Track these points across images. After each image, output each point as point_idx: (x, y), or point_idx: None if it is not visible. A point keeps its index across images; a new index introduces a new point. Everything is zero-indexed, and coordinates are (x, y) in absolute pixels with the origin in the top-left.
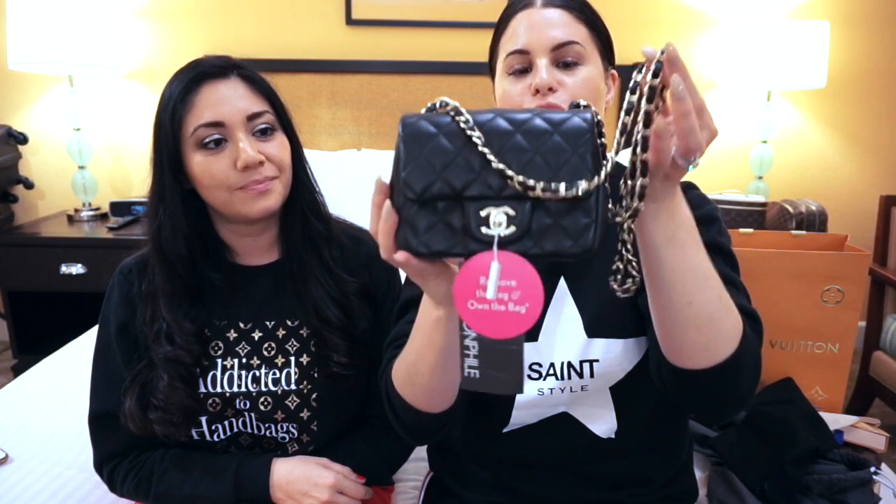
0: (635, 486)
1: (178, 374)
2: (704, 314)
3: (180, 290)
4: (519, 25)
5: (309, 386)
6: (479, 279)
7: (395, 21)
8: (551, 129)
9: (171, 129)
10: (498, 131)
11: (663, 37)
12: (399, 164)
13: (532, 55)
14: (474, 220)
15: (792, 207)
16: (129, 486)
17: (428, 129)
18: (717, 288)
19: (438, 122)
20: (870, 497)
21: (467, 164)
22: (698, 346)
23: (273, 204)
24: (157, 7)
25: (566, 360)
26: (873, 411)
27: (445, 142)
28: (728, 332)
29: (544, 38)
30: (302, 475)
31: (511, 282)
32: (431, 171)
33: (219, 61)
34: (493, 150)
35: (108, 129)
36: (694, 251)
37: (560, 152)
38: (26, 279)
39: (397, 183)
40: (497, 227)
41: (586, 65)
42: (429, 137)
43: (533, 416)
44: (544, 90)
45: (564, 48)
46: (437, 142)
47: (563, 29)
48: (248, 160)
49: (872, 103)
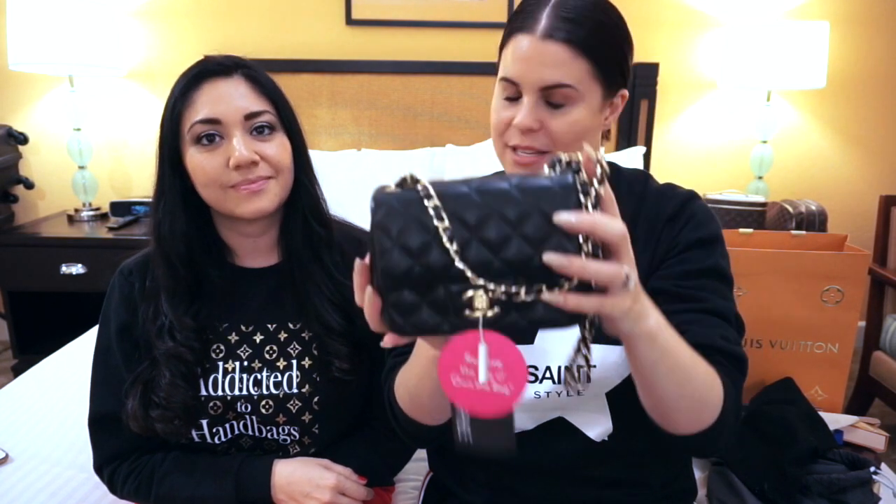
0: (633, 487)
1: (180, 372)
2: (689, 397)
3: (181, 286)
4: (515, 50)
5: (311, 389)
6: (465, 356)
7: (395, 21)
8: (532, 205)
9: (171, 123)
10: (468, 220)
11: (664, 36)
12: (374, 249)
13: (521, 87)
14: (457, 302)
15: (792, 207)
16: (129, 488)
17: (399, 212)
18: (700, 374)
19: (409, 200)
20: (869, 497)
21: (444, 247)
22: (681, 420)
23: (267, 205)
24: (158, 7)
25: (564, 365)
26: (873, 411)
27: (418, 225)
28: (712, 404)
29: (534, 76)
30: (303, 476)
31: (497, 362)
32: (408, 256)
33: (224, 60)
34: (461, 241)
35: (109, 129)
36: (675, 352)
37: (545, 233)
38: (26, 279)
39: (376, 267)
40: (480, 311)
41: (576, 106)
42: (402, 219)
43: (529, 421)
44: (524, 130)
45: (553, 90)
46: (410, 225)
47: (556, 70)
48: (240, 159)
49: (872, 103)
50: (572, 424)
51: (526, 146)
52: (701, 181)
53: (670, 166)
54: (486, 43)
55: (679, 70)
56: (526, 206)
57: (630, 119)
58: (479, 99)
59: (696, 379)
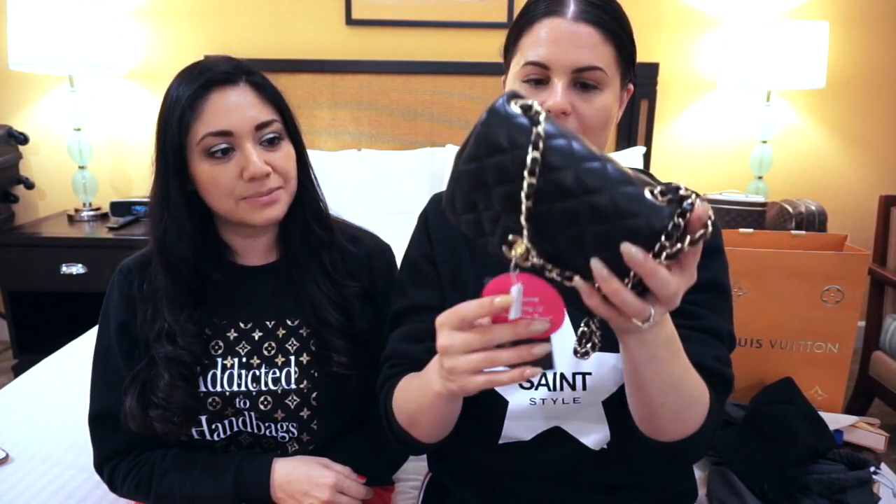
0: (633, 490)
1: (179, 373)
2: (676, 409)
3: (183, 292)
4: (543, 33)
5: (309, 385)
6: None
7: (395, 21)
8: (614, 217)
9: (178, 134)
10: (562, 184)
11: (664, 36)
12: (463, 152)
13: (551, 71)
14: (501, 237)
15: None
16: (129, 485)
17: (501, 143)
18: (690, 387)
19: (516, 136)
20: (869, 497)
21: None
22: (667, 429)
23: (278, 213)
24: (158, 7)
25: (558, 372)
26: (873, 411)
27: (508, 165)
28: (697, 415)
29: (568, 57)
30: (302, 475)
31: (533, 297)
32: (483, 184)
33: (228, 67)
34: (535, 199)
35: (109, 129)
36: (672, 366)
37: (610, 243)
38: (26, 279)
39: (456, 163)
40: (515, 255)
41: (605, 90)
42: (498, 150)
43: (526, 431)
44: (557, 113)
45: (586, 72)
46: (501, 160)
47: (589, 51)
48: (255, 172)
49: (872, 103)
50: (569, 434)
51: None
52: (701, 181)
53: (670, 166)
54: (486, 43)
55: (679, 70)
56: (610, 211)
57: (630, 119)
58: (479, 99)
59: (684, 390)
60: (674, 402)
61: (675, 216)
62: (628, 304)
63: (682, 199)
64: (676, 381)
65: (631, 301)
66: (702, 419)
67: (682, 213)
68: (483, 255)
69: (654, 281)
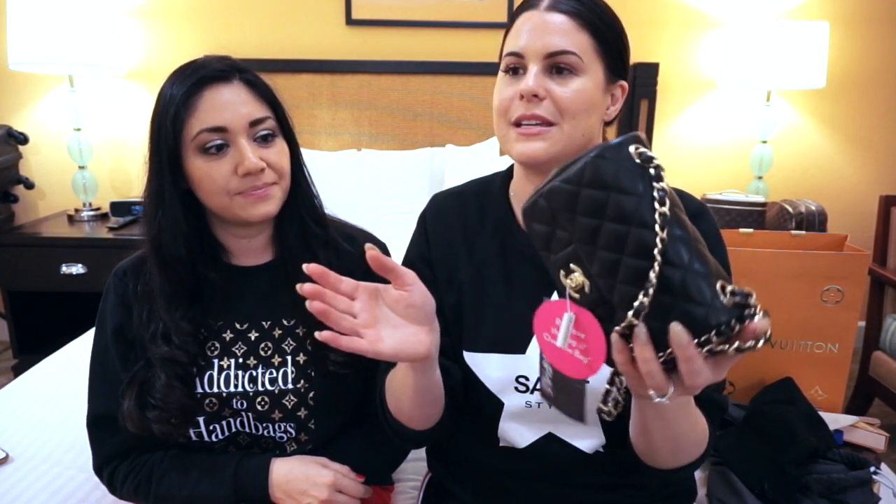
0: (631, 489)
1: (175, 374)
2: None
3: (179, 291)
4: (522, 26)
5: (306, 385)
6: (556, 319)
7: (395, 21)
8: (678, 295)
9: (173, 131)
10: (644, 244)
11: (664, 37)
12: (565, 170)
13: (526, 59)
14: (564, 261)
15: (792, 207)
16: (128, 488)
17: (606, 179)
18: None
19: (622, 178)
20: (869, 497)
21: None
22: (665, 463)
23: (272, 209)
24: (157, 7)
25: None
26: (873, 411)
27: (603, 203)
28: (696, 453)
29: (539, 43)
30: (301, 474)
31: (581, 333)
32: (571, 208)
33: (221, 65)
34: (611, 254)
35: (109, 129)
36: (680, 423)
37: (663, 316)
38: (26, 279)
39: (553, 176)
40: (569, 284)
41: (581, 76)
42: (600, 185)
43: (519, 436)
44: (528, 97)
45: (558, 57)
46: (598, 195)
47: (561, 37)
48: (249, 167)
49: (872, 103)
50: (562, 440)
51: (531, 115)
52: (701, 181)
53: (670, 166)
54: (486, 43)
55: (679, 70)
56: (678, 288)
57: (630, 119)
58: (479, 99)
59: (686, 439)
60: (675, 448)
61: (733, 320)
62: (652, 375)
63: (746, 307)
64: (680, 434)
65: (657, 374)
66: (699, 454)
67: (741, 319)
68: (480, 257)
69: (687, 366)
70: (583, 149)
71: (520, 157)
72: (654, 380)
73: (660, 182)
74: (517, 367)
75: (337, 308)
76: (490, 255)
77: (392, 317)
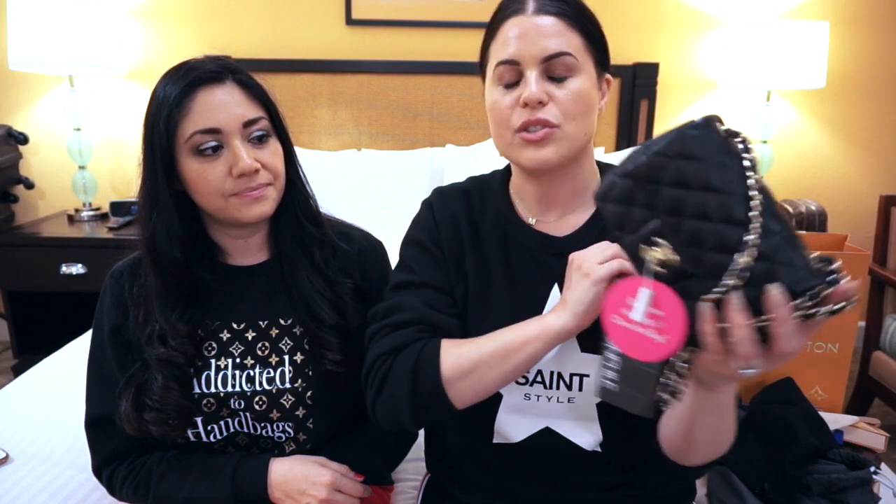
0: (630, 489)
1: (173, 375)
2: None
3: (174, 292)
4: (509, 33)
5: (304, 384)
6: (627, 299)
7: (395, 21)
8: (772, 259)
9: (166, 133)
10: (733, 213)
11: (664, 37)
12: (650, 146)
13: (522, 66)
14: (646, 236)
15: (792, 207)
16: (127, 489)
17: (693, 151)
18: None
19: (708, 151)
20: (869, 497)
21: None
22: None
23: (268, 210)
24: (157, 7)
25: (556, 371)
26: (873, 411)
27: (690, 174)
28: (726, 447)
29: (535, 48)
30: (299, 474)
31: (659, 311)
32: (656, 180)
33: (214, 65)
34: (699, 223)
35: (108, 129)
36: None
37: (756, 282)
38: (26, 279)
39: (636, 155)
40: (652, 258)
41: (578, 76)
42: (688, 157)
43: (516, 429)
44: (533, 104)
45: (556, 59)
46: (684, 166)
47: (555, 39)
48: (244, 168)
49: (872, 103)
50: (560, 435)
51: (536, 121)
52: None
53: None
54: None
55: (679, 70)
56: (770, 253)
57: (630, 119)
58: (478, 99)
59: (725, 434)
60: (714, 440)
61: (823, 283)
62: (743, 342)
63: (832, 272)
64: (724, 429)
65: (748, 339)
66: (727, 448)
67: (830, 283)
68: (483, 249)
69: (782, 328)
70: (586, 147)
71: (531, 164)
72: (744, 347)
73: (749, 153)
74: None
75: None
76: (493, 249)
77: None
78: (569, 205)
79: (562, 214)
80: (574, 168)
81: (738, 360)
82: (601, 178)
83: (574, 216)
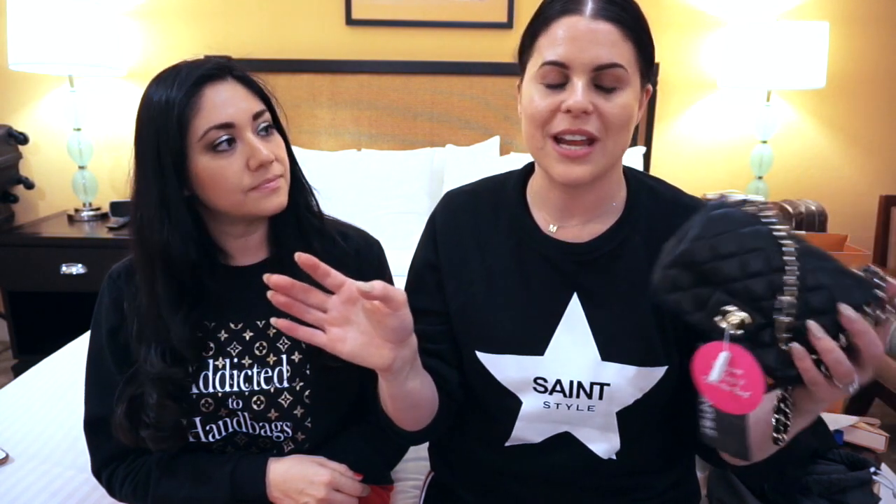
0: (637, 492)
1: (168, 392)
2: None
3: (178, 297)
4: (562, 32)
5: (301, 383)
6: (711, 362)
7: (395, 21)
8: (831, 285)
9: (179, 134)
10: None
11: (664, 37)
12: (689, 232)
13: (570, 71)
14: (714, 309)
15: (792, 207)
16: (127, 490)
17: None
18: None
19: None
20: (869, 497)
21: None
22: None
23: (284, 200)
24: (157, 7)
25: (577, 380)
26: (873, 411)
27: (751, 240)
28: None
29: (587, 55)
30: (298, 473)
31: (738, 370)
32: (713, 251)
33: (212, 64)
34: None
35: (109, 129)
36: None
37: (825, 308)
38: (26, 279)
39: (678, 244)
40: (728, 324)
41: (625, 89)
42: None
43: (535, 433)
44: (577, 113)
45: (606, 70)
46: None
47: (609, 49)
48: (263, 159)
49: (872, 103)
50: (578, 440)
51: (577, 130)
52: (701, 181)
53: (670, 166)
54: (486, 43)
55: (679, 70)
56: (825, 281)
57: None
58: (478, 99)
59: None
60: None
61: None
62: (840, 363)
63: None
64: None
65: (843, 359)
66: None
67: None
68: (493, 257)
69: (865, 339)
70: (618, 162)
71: (562, 179)
72: (843, 366)
73: (769, 211)
74: (535, 369)
75: (307, 302)
76: (504, 256)
77: (363, 322)
78: (592, 213)
79: (584, 222)
80: (603, 179)
81: (841, 379)
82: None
83: (596, 224)
